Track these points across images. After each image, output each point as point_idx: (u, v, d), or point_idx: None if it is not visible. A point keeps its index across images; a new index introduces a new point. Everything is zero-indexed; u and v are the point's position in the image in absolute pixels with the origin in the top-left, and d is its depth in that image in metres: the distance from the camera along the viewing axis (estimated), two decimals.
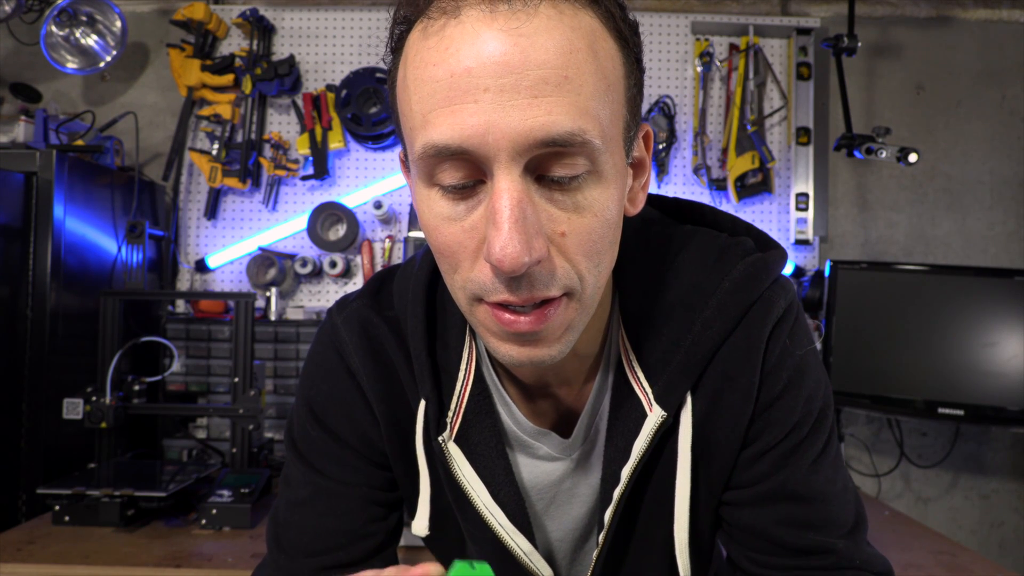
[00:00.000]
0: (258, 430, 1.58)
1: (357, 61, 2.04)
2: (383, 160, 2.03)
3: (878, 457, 2.01)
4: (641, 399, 0.57)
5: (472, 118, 0.42)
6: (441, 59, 0.43)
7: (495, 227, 0.43)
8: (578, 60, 0.43)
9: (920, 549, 1.35)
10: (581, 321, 0.51)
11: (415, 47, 0.46)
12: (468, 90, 0.42)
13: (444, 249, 0.48)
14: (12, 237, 1.52)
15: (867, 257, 2.04)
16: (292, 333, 1.81)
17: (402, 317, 0.63)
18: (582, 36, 0.44)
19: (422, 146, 0.44)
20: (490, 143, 0.42)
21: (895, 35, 2.08)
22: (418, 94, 0.45)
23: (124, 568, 1.17)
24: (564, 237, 0.46)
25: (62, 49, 1.87)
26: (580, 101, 0.43)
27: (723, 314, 0.56)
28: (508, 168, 0.43)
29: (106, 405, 1.49)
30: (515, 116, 0.42)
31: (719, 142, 2.01)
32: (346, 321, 0.64)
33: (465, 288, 0.49)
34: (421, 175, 0.47)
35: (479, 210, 0.46)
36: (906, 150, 1.69)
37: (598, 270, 0.49)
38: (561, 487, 0.64)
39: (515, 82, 0.42)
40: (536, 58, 0.42)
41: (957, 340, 1.68)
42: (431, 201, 0.47)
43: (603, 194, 0.46)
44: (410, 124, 0.46)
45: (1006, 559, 2.02)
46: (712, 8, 2.07)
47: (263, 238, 1.99)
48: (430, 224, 0.48)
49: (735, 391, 0.57)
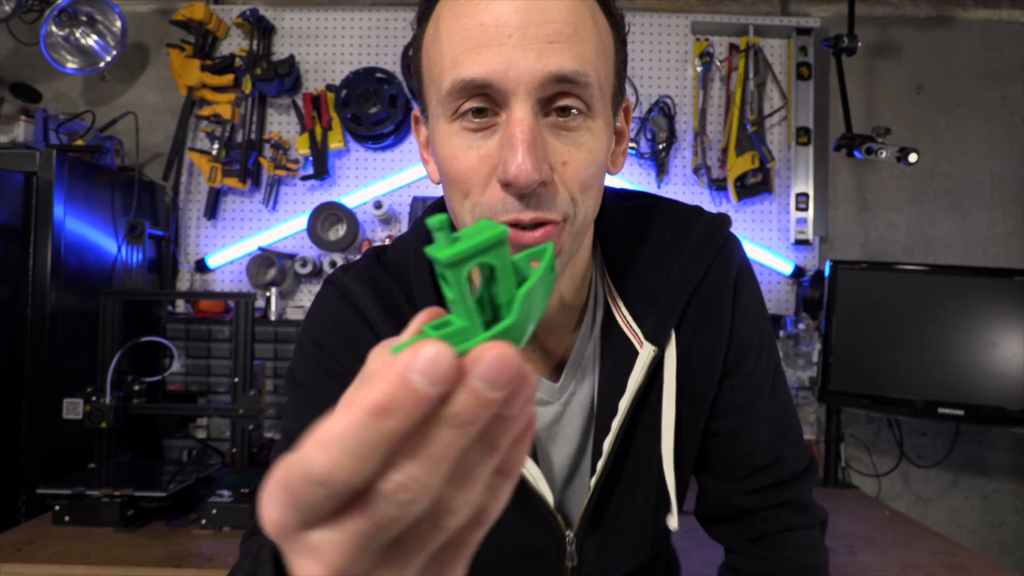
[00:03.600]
0: (258, 430, 1.58)
1: (357, 61, 2.04)
2: (383, 160, 2.03)
3: (878, 457, 2.01)
4: (631, 339, 0.65)
5: (496, 57, 0.51)
6: (472, 13, 0.52)
7: (511, 149, 0.51)
8: (583, 23, 0.53)
9: (920, 549, 1.35)
10: (573, 246, 0.58)
11: (447, 7, 0.55)
12: (494, 36, 0.51)
13: (459, 175, 0.55)
14: (12, 237, 1.52)
15: (867, 257, 2.04)
16: (292, 333, 1.81)
17: (404, 270, 0.68)
18: (586, 7, 0.54)
19: (451, 81, 0.53)
20: (511, 78, 0.51)
21: (895, 35, 2.08)
22: (449, 41, 0.53)
23: (124, 568, 1.17)
24: (564, 167, 0.54)
25: (62, 49, 1.87)
26: (584, 52, 0.53)
27: (696, 261, 0.66)
28: (524, 101, 0.52)
29: (106, 405, 1.49)
30: (532, 57, 0.51)
31: (719, 142, 2.01)
32: (355, 278, 0.68)
33: (474, 212, 0.55)
34: (445, 111, 0.55)
35: (493, 139, 0.54)
36: (906, 150, 1.69)
37: (588, 203, 0.57)
38: (552, 429, 0.69)
39: (533, 32, 0.51)
40: (550, 16, 0.51)
41: (957, 340, 1.68)
42: (451, 135, 0.55)
43: (595, 138, 0.55)
44: (439, 69, 0.55)
45: (1006, 559, 2.02)
46: (712, 8, 2.06)
47: (263, 238, 1.99)
48: (448, 155, 0.56)
49: (712, 326, 0.67)
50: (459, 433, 0.23)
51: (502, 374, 0.23)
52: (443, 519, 0.25)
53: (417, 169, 2.01)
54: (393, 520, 0.23)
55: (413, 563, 0.25)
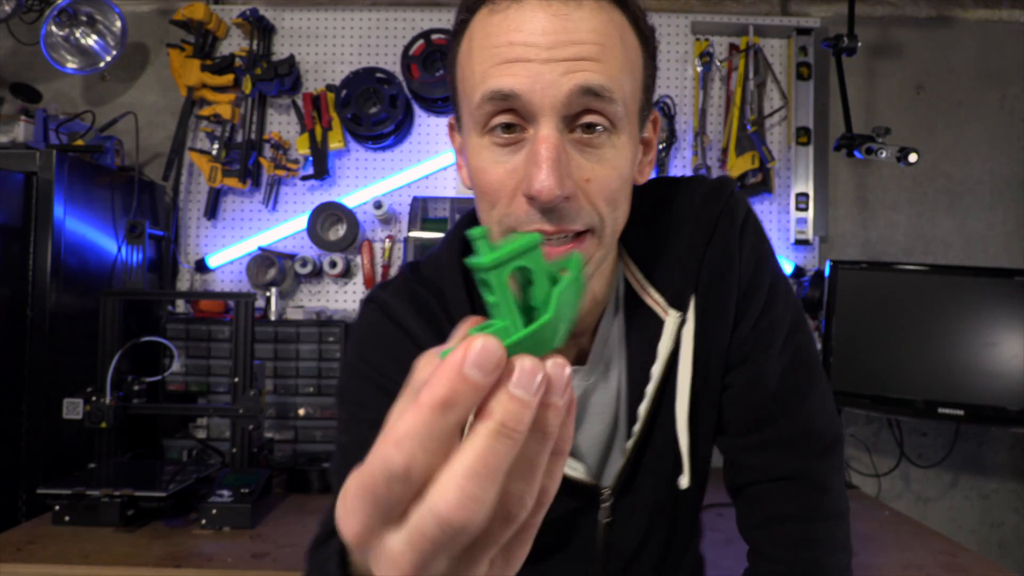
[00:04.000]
0: (258, 430, 1.58)
1: (357, 61, 2.04)
2: (383, 160, 2.03)
3: (878, 457, 2.01)
4: (656, 309, 0.69)
5: (524, 73, 0.54)
6: (504, 31, 0.55)
7: (536, 166, 0.53)
8: (611, 42, 0.55)
9: (920, 549, 1.35)
10: (600, 257, 0.61)
11: (481, 24, 0.57)
12: (523, 53, 0.54)
13: (487, 187, 0.58)
14: (12, 237, 1.52)
15: (867, 257, 2.04)
16: (292, 333, 1.81)
17: (439, 285, 0.72)
18: (615, 27, 0.56)
19: (482, 93, 0.55)
20: (537, 91, 0.53)
21: (895, 35, 2.08)
22: (481, 56, 0.56)
23: (124, 568, 1.17)
24: (588, 183, 0.56)
25: (62, 49, 1.86)
26: (610, 70, 0.55)
27: (701, 225, 0.69)
28: (549, 118, 0.54)
29: (106, 405, 1.49)
30: (558, 74, 0.53)
31: (719, 142, 2.01)
32: (394, 294, 0.72)
33: (501, 222, 0.58)
34: (476, 125, 0.58)
35: (520, 155, 0.56)
36: (906, 150, 1.69)
37: (615, 215, 0.59)
38: (580, 408, 0.71)
39: (561, 51, 0.53)
40: (578, 36, 0.54)
41: (957, 340, 1.68)
42: (481, 148, 0.58)
43: (620, 153, 0.58)
44: (471, 83, 0.57)
45: (1006, 559, 2.02)
46: (712, 8, 2.06)
47: (263, 238, 1.99)
48: (478, 167, 0.59)
49: (723, 284, 0.69)
50: (510, 442, 0.25)
51: (533, 376, 0.26)
52: (514, 513, 0.27)
53: (417, 169, 2.02)
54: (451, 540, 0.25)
55: (487, 557, 0.27)
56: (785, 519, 0.70)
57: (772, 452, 0.71)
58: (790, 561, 0.70)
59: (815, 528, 0.70)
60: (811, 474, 0.71)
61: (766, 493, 0.71)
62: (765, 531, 0.72)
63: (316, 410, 1.82)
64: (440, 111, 2.02)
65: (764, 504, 0.72)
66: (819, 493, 0.70)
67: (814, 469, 0.71)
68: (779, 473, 0.71)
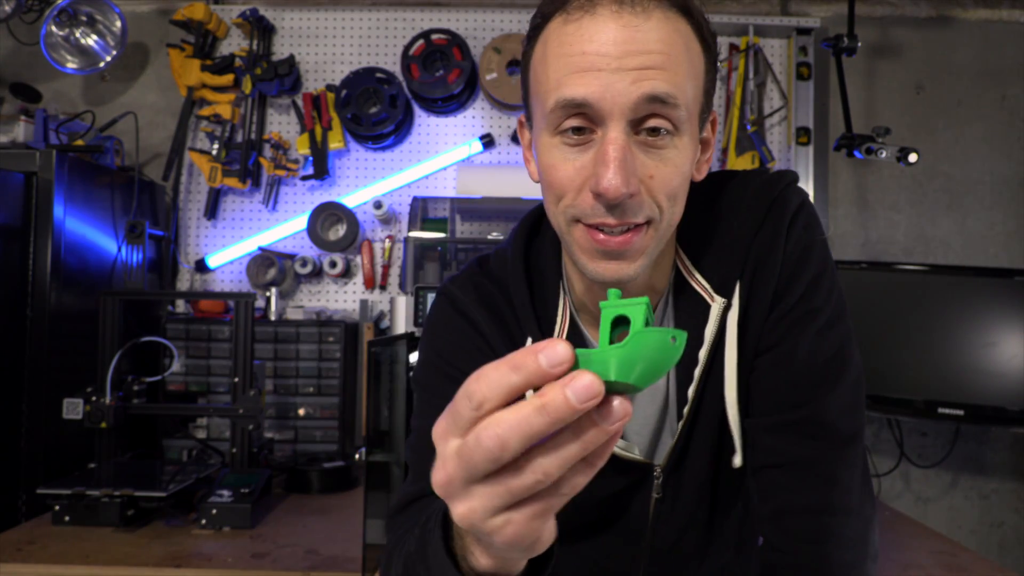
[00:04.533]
0: (258, 430, 1.58)
1: (357, 61, 2.04)
2: (383, 160, 2.04)
3: (878, 457, 2.01)
4: (703, 295, 0.72)
5: (596, 81, 0.57)
6: (578, 41, 0.58)
7: (604, 165, 0.57)
8: (676, 52, 0.59)
9: (920, 549, 1.35)
10: (655, 247, 0.65)
11: (556, 32, 0.61)
12: (595, 63, 0.57)
13: (556, 182, 0.62)
14: (12, 237, 1.52)
15: (867, 257, 2.04)
16: (292, 333, 1.81)
17: (504, 281, 0.77)
18: (680, 37, 0.60)
19: (555, 100, 0.59)
20: (607, 99, 0.57)
21: (895, 35, 2.08)
22: (555, 64, 0.60)
23: (124, 568, 1.17)
24: (652, 180, 0.60)
25: (62, 49, 1.87)
26: (675, 78, 0.58)
27: (752, 213, 0.71)
28: (618, 122, 0.58)
29: (106, 405, 1.49)
30: (627, 83, 0.57)
31: (719, 142, 2.01)
32: (461, 287, 0.78)
33: (567, 212, 0.63)
34: (548, 126, 0.62)
35: (588, 154, 0.60)
36: (906, 150, 1.69)
37: (673, 209, 0.63)
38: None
39: (629, 61, 0.57)
40: (646, 46, 0.57)
41: (957, 340, 1.68)
42: (552, 147, 0.62)
43: (681, 153, 0.61)
44: (545, 87, 0.61)
45: (1006, 559, 2.02)
46: (712, 8, 2.06)
47: (263, 238, 1.99)
48: (548, 164, 0.63)
49: (766, 270, 0.71)
50: (546, 421, 0.33)
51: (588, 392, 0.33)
52: (536, 479, 0.35)
53: (417, 169, 2.02)
54: (532, 487, 0.35)
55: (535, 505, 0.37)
56: (793, 510, 0.70)
57: (788, 435, 0.70)
58: (794, 553, 0.69)
59: (821, 521, 0.69)
60: (823, 464, 0.70)
61: (777, 480, 0.71)
62: (775, 523, 0.71)
63: (316, 410, 1.82)
64: (440, 111, 2.02)
65: (775, 492, 0.71)
66: (828, 486, 0.69)
67: (827, 460, 0.70)
68: (791, 458, 0.70)
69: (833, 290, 0.73)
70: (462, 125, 2.04)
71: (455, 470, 0.36)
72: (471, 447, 0.34)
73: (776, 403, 0.71)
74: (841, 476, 0.70)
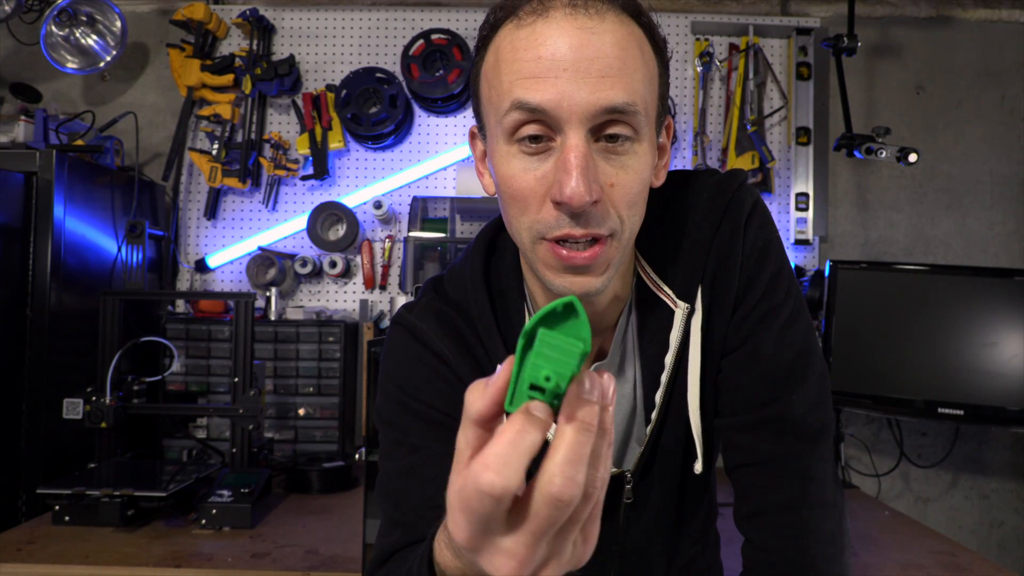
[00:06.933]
0: (258, 430, 1.58)
1: (357, 61, 2.04)
2: (383, 160, 2.04)
3: (878, 457, 2.01)
4: (666, 302, 0.71)
5: (552, 89, 0.56)
6: (531, 45, 0.57)
7: (565, 173, 0.56)
8: (632, 56, 0.58)
9: (920, 549, 1.35)
10: (619, 259, 0.63)
11: (508, 38, 0.59)
12: (550, 68, 0.56)
13: (517, 194, 0.60)
14: (12, 237, 1.52)
15: (867, 257, 2.04)
16: (292, 333, 1.81)
17: (464, 305, 0.74)
18: (635, 40, 0.59)
19: (510, 102, 0.57)
20: (564, 108, 0.56)
21: (895, 35, 2.08)
22: (509, 69, 0.58)
23: (124, 568, 1.17)
24: (612, 188, 0.59)
25: (62, 49, 1.87)
26: (632, 84, 0.57)
27: (708, 216, 0.71)
28: (577, 129, 0.56)
29: (106, 405, 1.49)
30: (585, 91, 0.55)
31: (719, 142, 2.01)
32: (420, 316, 0.75)
33: (531, 228, 0.61)
34: (504, 134, 0.60)
35: (548, 163, 0.59)
36: (906, 150, 1.69)
37: (633, 219, 0.62)
38: None
39: (586, 67, 0.55)
40: (602, 51, 0.56)
41: (957, 340, 1.68)
42: (510, 156, 0.60)
43: (640, 160, 0.60)
44: (498, 93, 0.60)
45: (1006, 559, 2.03)
46: (712, 8, 2.07)
47: (263, 238, 1.99)
48: (507, 175, 0.61)
49: (727, 273, 0.71)
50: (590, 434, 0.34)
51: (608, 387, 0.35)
52: (590, 493, 0.35)
53: (417, 169, 2.02)
54: (560, 515, 0.34)
55: (573, 536, 0.36)
56: (771, 507, 0.71)
57: (760, 434, 0.71)
58: (776, 550, 0.71)
59: (799, 516, 0.71)
60: (796, 460, 0.71)
61: (752, 478, 0.73)
62: (754, 521, 0.73)
63: (316, 410, 1.82)
64: (440, 111, 2.02)
65: (752, 491, 0.73)
66: (804, 481, 0.71)
67: (799, 455, 0.71)
68: (764, 455, 0.71)
69: (792, 286, 0.74)
70: (462, 125, 2.04)
71: (528, 552, 0.35)
72: (541, 514, 0.34)
73: (745, 402, 0.72)
74: (815, 470, 0.71)
